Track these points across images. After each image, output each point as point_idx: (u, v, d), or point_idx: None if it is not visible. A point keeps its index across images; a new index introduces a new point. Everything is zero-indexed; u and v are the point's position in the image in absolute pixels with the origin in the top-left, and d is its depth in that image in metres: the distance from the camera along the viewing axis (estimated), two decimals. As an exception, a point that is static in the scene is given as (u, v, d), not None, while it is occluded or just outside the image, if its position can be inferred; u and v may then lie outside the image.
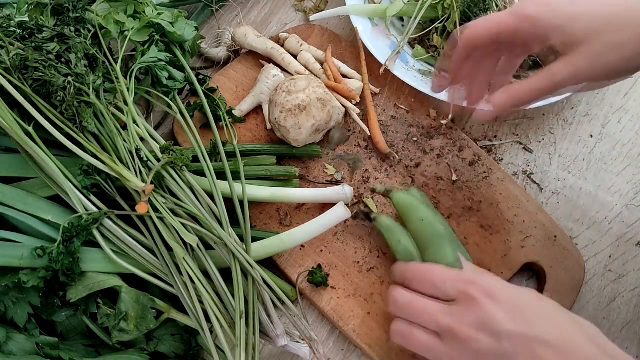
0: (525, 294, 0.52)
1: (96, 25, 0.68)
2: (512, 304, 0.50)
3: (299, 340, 0.63)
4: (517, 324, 0.48)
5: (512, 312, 0.49)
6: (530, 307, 0.50)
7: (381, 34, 0.85)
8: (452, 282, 0.54)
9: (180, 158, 0.64)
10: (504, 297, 0.50)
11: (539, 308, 0.50)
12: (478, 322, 0.49)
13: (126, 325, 0.60)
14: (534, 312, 0.50)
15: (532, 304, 0.51)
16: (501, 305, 0.49)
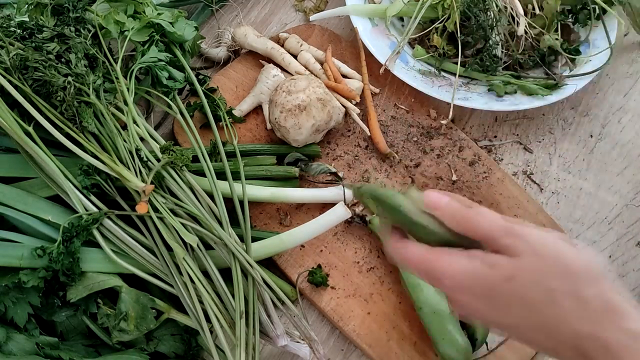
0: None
1: (96, 25, 0.68)
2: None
3: (299, 340, 0.63)
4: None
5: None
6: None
7: (381, 34, 0.85)
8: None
9: (180, 158, 0.64)
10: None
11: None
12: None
13: (126, 325, 0.60)
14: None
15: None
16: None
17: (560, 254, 0.41)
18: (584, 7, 0.83)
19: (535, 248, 0.41)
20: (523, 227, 0.42)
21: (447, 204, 0.45)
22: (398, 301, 0.70)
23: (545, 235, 0.42)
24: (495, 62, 0.80)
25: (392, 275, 0.72)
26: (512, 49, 0.81)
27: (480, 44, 0.81)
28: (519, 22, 0.80)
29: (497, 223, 0.43)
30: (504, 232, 0.42)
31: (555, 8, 0.81)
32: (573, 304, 0.40)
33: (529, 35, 0.81)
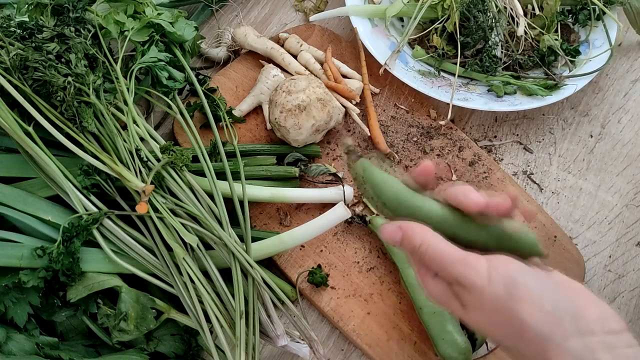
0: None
1: (96, 25, 0.68)
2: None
3: (299, 340, 0.63)
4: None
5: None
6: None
7: (381, 34, 0.85)
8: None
9: (180, 158, 0.64)
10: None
11: None
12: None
13: (126, 325, 0.60)
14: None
15: None
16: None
17: (503, 313, 0.41)
18: (584, 7, 0.83)
19: (479, 304, 0.42)
20: (469, 277, 0.42)
21: (401, 242, 0.45)
22: (398, 301, 0.70)
23: (488, 291, 0.41)
24: (495, 63, 0.80)
25: (392, 275, 0.72)
26: (511, 50, 0.81)
27: (480, 44, 0.81)
28: (519, 23, 0.80)
29: (451, 271, 0.43)
30: (454, 280, 0.43)
31: (555, 8, 0.81)
32: (519, 355, 0.42)
33: (529, 36, 0.81)
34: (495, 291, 0.41)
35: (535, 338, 0.40)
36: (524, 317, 0.40)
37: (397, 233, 0.45)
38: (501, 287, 0.41)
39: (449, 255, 0.43)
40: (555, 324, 0.40)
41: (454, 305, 0.44)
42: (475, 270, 0.41)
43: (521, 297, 0.40)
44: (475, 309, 0.42)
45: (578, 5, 0.84)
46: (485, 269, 0.41)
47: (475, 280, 0.41)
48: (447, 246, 0.43)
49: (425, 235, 0.44)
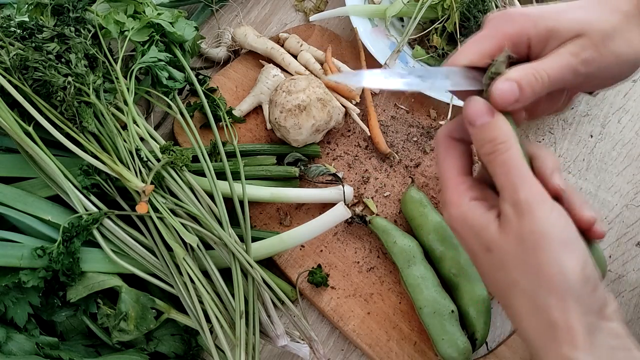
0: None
1: (96, 25, 0.68)
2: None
3: (299, 340, 0.63)
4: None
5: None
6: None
7: (381, 34, 0.85)
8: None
9: (180, 158, 0.64)
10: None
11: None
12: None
13: (126, 325, 0.60)
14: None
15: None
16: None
17: (539, 253, 0.38)
18: (584, 7, 0.83)
19: (521, 233, 0.38)
20: (531, 202, 0.38)
21: (482, 126, 0.41)
22: (398, 301, 0.70)
23: (543, 223, 0.38)
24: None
25: (392, 275, 0.72)
26: (512, 49, 0.81)
27: (480, 44, 0.81)
28: (519, 22, 0.80)
29: (512, 183, 0.39)
30: (511, 197, 0.39)
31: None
32: (528, 308, 0.38)
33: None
34: (552, 225, 0.38)
35: (562, 301, 0.37)
36: (566, 269, 0.37)
37: (485, 116, 0.41)
38: (558, 230, 0.38)
39: (518, 170, 0.39)
40: (587, 306, 0.37)
41: (483, 222, 0.40)
42: (539, 199, 0.38)
43: (572, 249, 0.38)
44: (513, 233, 0.39)
45: (578, 5, 0.84)
46: (549, 202, 0.38)
47: (537, 206, 0.38)
48: (521, 158, 0.39)
49: (505, 133, 0.40)
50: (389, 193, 0.76)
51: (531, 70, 0.42)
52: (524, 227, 0.38)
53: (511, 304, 0.40)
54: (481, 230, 0.40)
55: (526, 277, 0.38)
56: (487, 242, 0.40)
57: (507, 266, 0.39)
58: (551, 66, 0.42)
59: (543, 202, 0.38)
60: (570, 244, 0.38)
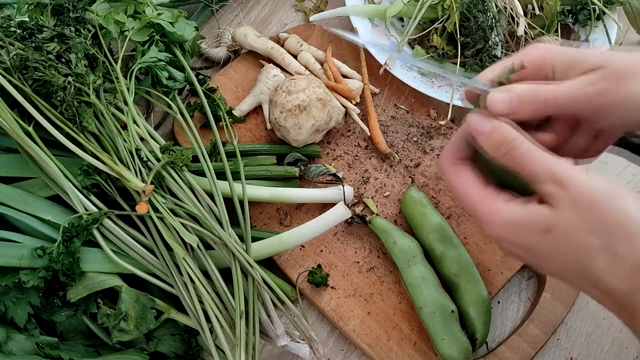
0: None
1: (96, 25, 0.68)
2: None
3: (299, 340, 0.63)
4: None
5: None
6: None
7: (381, 34, 0.85)
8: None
9: (180, 158, 0.64)
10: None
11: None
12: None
13: (126, 325, 0.60)
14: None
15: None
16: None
17: (598, 208, 0.38)
18: (584, 7, 0.83)
19: (574, 199, 0.39)
20: (568, 172, 0.39)
21: (490, 132, 0.42)
22: (398, 301, 0.70)
23: (588, 184, 0.39)
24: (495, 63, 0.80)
25: (392, 275, 0.72)
26: (512, 50, 0.81)
27: (480, 44, 0.81)
28: (519, 23, 0.80)
29: (542, 166, 0.40)
30: (548, 177, 0.40)
31: (555, 8, 0.81)
32: (608, 261, 0.38)
33: (529, 36, 0.81)
34: (595, 185, 0.39)
35: (636, 230, 0.37)
36: (627, 207, 0.38)
37: (487, 123, 0.42)
38: (602, 184, 0.39)
39: (543, 154, 0.40)
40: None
41: (536, 215, 0.40)
42: (574, 167, 0.39)
43: (623, 194, 0.38)
44: (567, 206, 0.39)
45: (578, 5, 0.84)
46: (584, 169, 0.40)
47: (575, 174, 0.39)
48: (539, 147, 0.41)
49: (515, 132, 0.41)
50: (389, 193, 0.76)
51: (535, 87, 0.43)
52: (573, 194, 0.39)
53: (590, 271, 0.39)
54: (532, 219, 0.41)
55: (598, 236, 0.38)
56: (544, 226, 0.40)
57: (574, 236, 0.39)
58: (563, 89, 0.43)
59: (575, 170, 0.39)
60: (619, 191, 0.39)
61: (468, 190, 0.44)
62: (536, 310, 0.69)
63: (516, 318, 0.71)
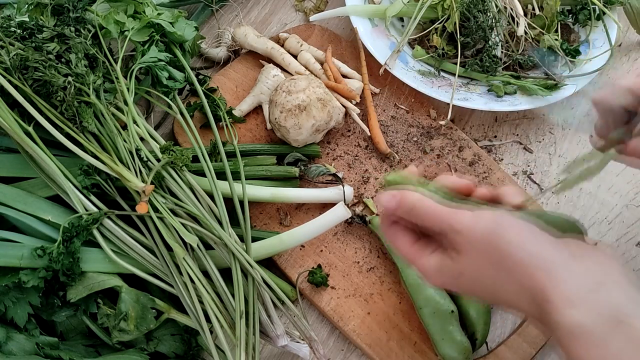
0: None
1: (96, 25, 0.68)
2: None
3: (299, 340, 0.63)
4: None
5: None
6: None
7: (381, 34, 0.85)
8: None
9: (180, 158, 0.64)
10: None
11: None
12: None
13: (126, 325, 0.60)
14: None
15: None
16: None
17: (488, 246, 0.42)
18: (584, 7, 0.83)
19: (470, 243, 0.43)
20: (460, 221, 0.44)
21: (396, 208, 0.48)
22: (398, 301, 0.70)
23: (477, 227, 0.43)
24: (495, 63, 0.80)
25: (392, 275, 0.72)
26: (512, 49, 0.81)
27: (480, 44, 0.81)
28: (519, 23, 0.80)
29: (443, 220, 0.45)
30: (448, 229, 0.45)
31: (555, 8, 0.81)
32: (511, 291, 0.42)
33: (529, 36, 0.81)
34: (484, 225, 0.43)
35: (523, 257, 0.41)
36: (511, 238, 0.41)
37: (393, 199, 0.48)
38: (489, 222, 0.43)
39: (440, 210, 0.45)
40: (542, 244, 0.41)
41: (450, 265, 0.45)
42: (464, 215, 0.44)
43: (507, 225, 0.42)
44: (467, 250, 0.44)
45: (578, 5, 0.84)
46: (471, 214, 0.44)
47: (466, 219, 0.44)
48: (437, 204, 0.46)
49: (417, 196, 0.47)
50: (389, 193, 0.76)
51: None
52: (469, 239, 0.43)
53: (507, 298, 0.43)
54: (449, 268, 0.46)
55: (498, 269, 0.42)
56: (457, 272, 0.45)
57: (481, 275, 0.44)
58: None
59: (466, 217, 0.44)
60: (502, 224, 0.43)
61: (403, 249, 0.49)
62: (536, 310, 0.69)
63: (516, 318, 0.71)
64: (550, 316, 0.39)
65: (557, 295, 0.38)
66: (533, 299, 0.40)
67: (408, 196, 0.47)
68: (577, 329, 0.37)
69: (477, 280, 0.44)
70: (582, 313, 0.37)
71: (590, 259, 0.41)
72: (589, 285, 0.38)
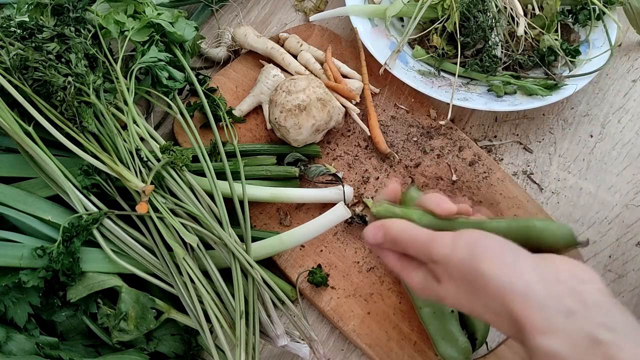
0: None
1: (96, 25, 0.68)
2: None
3: (299, 340, 0.63)
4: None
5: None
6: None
7: (381, 34, 0.85)
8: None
9: (180, 158, 0.64)
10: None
11: None
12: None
13: (126, 325, 0.60)
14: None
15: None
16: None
17: (465, 276, 0.44)
18: (584, 7, 0.83)
19: (448, 274, 0.45)
20: (437, 250, 0.45)
21: (382, 242, 0.50)
22: (398, 301, 0.70)
23: (454, 256, 0.44)
24: (495, 63, 0.80)
25: (392, 275, 0.72)
26: (512, 49, 0.81)
27: (480, 44, 0.81)
28: (519, 23, 0.80)
29: (421, 249, 0.47)
30: (427, 259, 0.47)
31: (555, 8, 0.81)
32: (491, 316, 0.43)
33: (529, 36, 0.81)
34: (459, 256, 0.44)
35: (498, 290, 0.41)
36: (485, 270, 0.42)
37: (378, 232, 0.50)
38: (464, 251, 0.44)
39: (420, 236, 0.47)
40: (516, 274, 0.42)
41: (432, 287, 0.47)
42: (442, 243, 0.45)
43: (482, 254, 0.43)
44: (446, 280, 0.45)
45: (578, 5, 0.84)
46: (450, 240, 0.45)
47: (442, 251, 0.45)
48: (419, 230, 0.48)
49: (400, 225, 0.49)
50: (389, 193, 0.76)
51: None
52: (446, 269, 0.45)
53: (489, 320, 0.45)
54: (430, 292, 0.48)
55: (475, 298, 0.44)
56: (437, 297, 0.47)
57: (459, 302, 0.46)
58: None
59: (443, 245, 0.45)
60: (477, 254, 0.44)
61: (391, 265, 0.51)
62: (536, 310, 0.69)
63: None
64: (528, 342, 0.40)
65: (533, 324, 0.39)
66: (512, 325, 0.41)
67: (391, 228, 0.49)
68: (553, 356, 0.38)
69: (459, 304, 0.46)
70: (557, 341, 0.38)
71: (564, 273, 0.41)
72: (563, 311, 0.39)
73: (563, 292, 0.40)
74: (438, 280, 0.46)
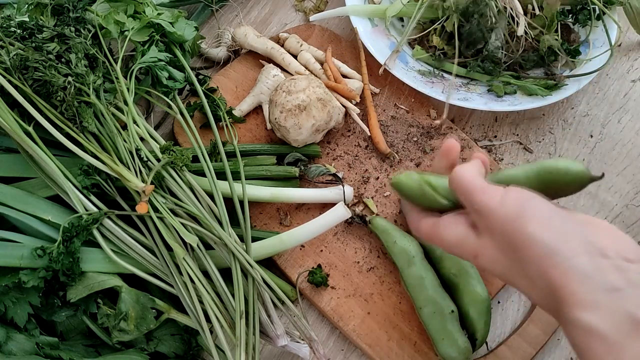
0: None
1: (96, 25, 0.68)
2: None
3: (299, 340, 0.63)
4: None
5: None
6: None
7: (381, 34, 0.85)
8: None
9: (180, 158, 0.64)
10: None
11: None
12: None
13: (126, 325, 0.60)
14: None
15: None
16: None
17: (508, 234, 0.42)
18: (584, 7, 0.83)
19: (490, 227, 0.44)
20: (484, 201, 0.44)
21: (456, 155, 0.51)
22: (398, 301, 0.70)
23: (500, 211, 0.43)
24: (498, 66, 0.80)
25: (392, 275, 0.72)
26: (512, 50, 0.81)
27: (480, 44, 0.81)
28: (519, 23, 0.80)
29: (471, 197, 0.45)
30: (470, 207, 0.46)
31: (555, 8, 0.81)
32: (525, 282, 0.42)
33: (529, 36, 0.81)
34: (506, 211, 0.42)
35: (541, 252, 0.40)
36: (530, 231, 0.41)
37: (455, 146, 0.51)
38: (512, 208, 0.42)
39: (473, 183, 0.45)
40: (563, 239, 0.40)
41: (469, 240, 0.46)
42: (490, 196, 0.44)
43: (530, 214, 0.41)
44: (486, 235, 0.44)
45: (578, 5, 0.84)
46: (499, 195, 0.44)
47: (489, 203, 0.43)
48: (475, 177, 0.46)
49: (467, 166, 0.47)
50: (389, 193, 0.76)
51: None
52: (488, 223, 0.44)
53: (519, 286, 0.44)
54: (464, 246, 0.47)
55: (512, 260, 0.42)
56: (472, 252, 0.46)
57: (495, 262, 0.44)
58: None
59: (491, 198, 0.44)
60: (526, 213, 0.42)
61: (429, 228, 0.51)
62: (536, 310, 0.69)
63: (516, 318, 0.71)
64: (566, 315, 0.38)
65: (574, 295, 0.38)
66: (548, 295, 0.40)
67: (461, 165, 0.48)
68: (593, 332, 0.37)
69: (492, 264, 0.44)
70: (598, 317, 0.37)
71: (611, 249, 0.40)
72: (607, 287, 0.37)
73: (609, 267, 0.38)
74: (478, 233, 0.45)
